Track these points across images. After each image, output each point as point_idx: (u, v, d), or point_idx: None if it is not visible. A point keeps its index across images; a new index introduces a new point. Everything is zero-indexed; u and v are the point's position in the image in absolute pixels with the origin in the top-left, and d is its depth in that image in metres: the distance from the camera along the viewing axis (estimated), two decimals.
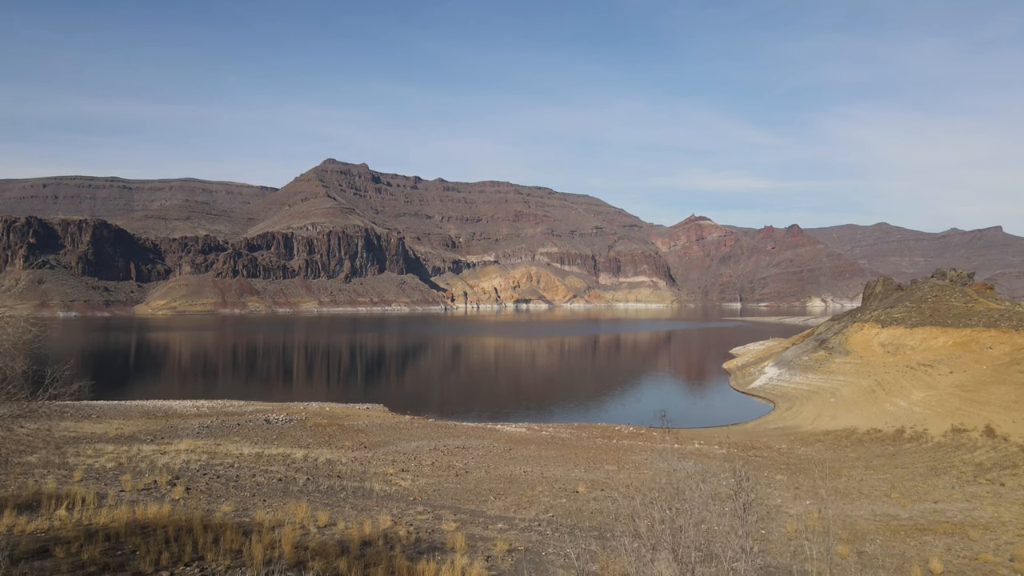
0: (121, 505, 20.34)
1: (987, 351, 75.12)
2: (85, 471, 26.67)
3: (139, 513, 19.45)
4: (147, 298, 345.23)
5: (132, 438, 41.02)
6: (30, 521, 18.03)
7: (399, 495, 26.14)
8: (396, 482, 28.88)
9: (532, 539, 19.93)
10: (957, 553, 20.92)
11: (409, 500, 25.54)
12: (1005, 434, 48.67)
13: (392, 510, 22.65)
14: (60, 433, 41.38)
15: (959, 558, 20.33)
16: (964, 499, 30.26)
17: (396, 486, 28.08)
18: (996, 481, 34.22)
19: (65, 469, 27.35)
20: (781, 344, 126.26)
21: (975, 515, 26.43)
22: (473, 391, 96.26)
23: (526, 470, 34.51)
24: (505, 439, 48.90)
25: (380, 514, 21.56)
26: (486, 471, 33.60)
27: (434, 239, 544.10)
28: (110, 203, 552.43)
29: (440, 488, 28.51)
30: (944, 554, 20.56)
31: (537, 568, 16.46)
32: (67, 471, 26.67)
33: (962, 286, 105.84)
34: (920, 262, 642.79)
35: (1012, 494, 30.65)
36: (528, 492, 28.03)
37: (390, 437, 47.17)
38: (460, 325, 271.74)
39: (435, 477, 31.19)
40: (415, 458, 37.24)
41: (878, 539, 22.90)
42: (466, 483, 30.11)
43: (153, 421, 51.65)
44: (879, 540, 22.75)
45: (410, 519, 21.53)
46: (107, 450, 33.52)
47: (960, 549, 21.44)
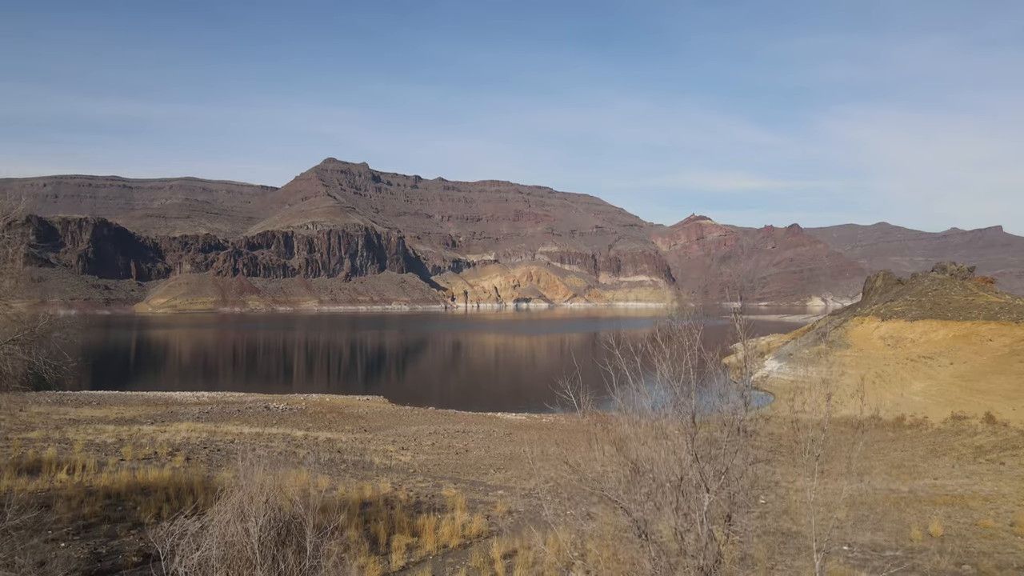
0: (122, 470, 20.36)
1: (987, 343, 75.06)
2: (86, 444, 26.67)
3: (139, 477, 19.48)
4: (147, 296, 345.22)
5: (132, 420, 41.02)
6: (31, 482, 18.05)
7: (399, 468, 26.15)
8: (396, 458, 28.90)
9: (532, 503, 19.95)
10: (957, 520, 20.93)
11: (409, 472, 25.55)
12: (1006, 420, 48.67)
13: (392, 479, 22.66)
14: (59, 416, 41.37)
15: (959, 524, 20.34)
16: (964, 476, 30.26)
17: (396, 461, 28.09)
18: (996, 461, 34.21)
19: (65, 443, 27.34)
20: (781, 339, 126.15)
21: (975, 488, 26.44)
22: (474, 385, 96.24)
23: (526, 449, 34.52)
24: (505, 425, 48.92)
25: (380, 481, 21.56)
26: (486, 450, 33.62)
27: (434, 238, 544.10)
28: (110, 202, 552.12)
29: (440, 463, 28.53)
30: (944, 520, 20.55)
31: (537, 526, 16.46)
32: (67, 444, 26.65)
33: (962, 280, 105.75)
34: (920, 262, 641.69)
35: (1012, 471, 30.64)
36: (528, 467, 28.05)
37: (390, 422, 47.18)
38: (460, 323, 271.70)
39: (435, 455, 31.21)
40: (415, 439, 37.25)
41: (878, 508, 22.90)
42: (466, 459, 30.13)
43: (153, 408, 51.65)
44: (879, 509, 22.74)
45: (410, 486, 21.53)
46: (107, 429, 33.54)
47: (960, 516, 21.45)
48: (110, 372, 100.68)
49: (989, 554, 16.74)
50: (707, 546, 7.09)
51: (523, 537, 15.05)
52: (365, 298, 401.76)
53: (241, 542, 6.93)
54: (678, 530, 7.99)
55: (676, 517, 8.15)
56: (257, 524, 7.22)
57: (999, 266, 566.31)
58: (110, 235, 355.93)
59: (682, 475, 8.17)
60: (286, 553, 7.13)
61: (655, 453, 9.02)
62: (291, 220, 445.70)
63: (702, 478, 7.52)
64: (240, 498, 7.73)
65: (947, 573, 14.95)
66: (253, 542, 6.85)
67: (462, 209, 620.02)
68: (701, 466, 7.64)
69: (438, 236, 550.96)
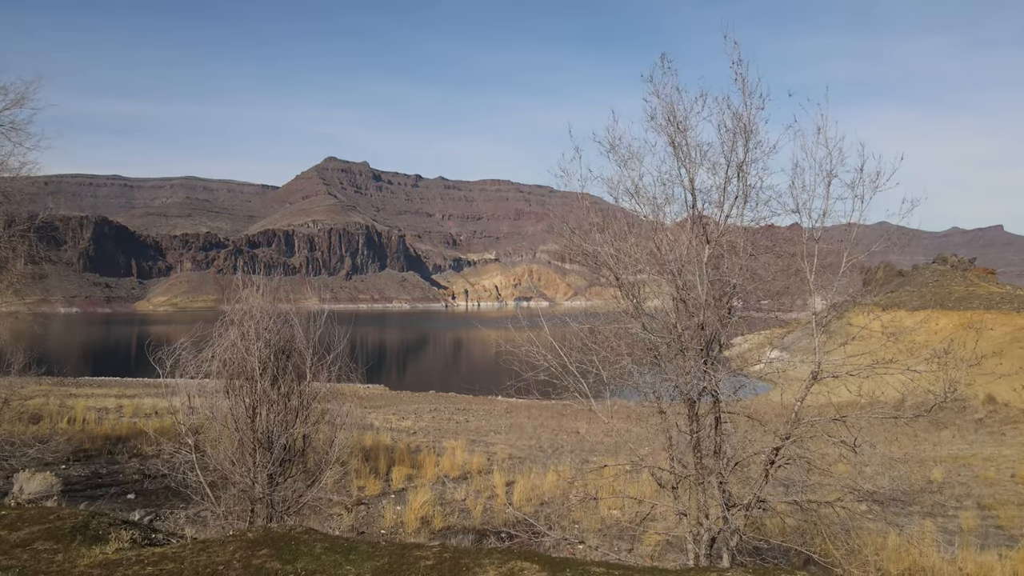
0: (122, 422, 20.38)
1: (988, 331, 75.13)
2: (86, 407, 26.68)
3: (140, 426, 19.49)
4: (148, 295, 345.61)
5: (133, 396, 41.04)
6: (31, 427, 18.07)
7: (400, 430, 26.19)
8: (397, 424, 28.95)
9: (532, 454, 19.96)
10: (958, 472, 20.92)
11: (410, 433, 25.59)
12: (1007, 401, 48.67)
13: (392, 435, 22.67)
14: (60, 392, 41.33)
15: (960, 475, 20.33)
16: (965, 443, 30.27)
17: (397, 426, 28.13)
18: (997, 432, 34.21)
19: (66, 407, 27.34)
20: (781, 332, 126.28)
21: (976, 451, 26.44)
22: (474, 375, 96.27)
23: (526, 422, 34.56)
24: (506, 405, 48.97)
25: (380, 435, 21.58)
26: (486, 421, 33.67)
27: (435, 237, 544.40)
28: (111, 201, 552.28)
29: (440, 428, 28.57)
30: (945, 473, 20.53)
31: (538, 464, 16.48)
32: (68, 408, 26.66)
33: (963, 271, 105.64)
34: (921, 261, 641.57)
35: (1014, 439, 30.65)
36: (529, 433, 28.09)
37: (391, 402, 47.26)
38: (461, 321, 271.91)
39: (436, 423, 31.25)
40: (416, 413, 37.31)
41: (878, 482, 22.88)
42: (467, 427, 30.16)
43: (154, 389, 51.66)
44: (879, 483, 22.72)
45: (411, 440, 21.55)
46: (109, 399, 33.57)
47: (961, 470, 21.43)
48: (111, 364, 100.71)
49: (990, 496, 16.74)
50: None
51: (524, 471, 15.07)
52: (366, 296, 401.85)
53: (242, 359, 7.01)
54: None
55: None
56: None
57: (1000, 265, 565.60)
58: (111, 233, 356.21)
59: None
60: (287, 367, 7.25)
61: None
62: (292, 219, 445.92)
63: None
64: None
65: (948, 507, 14.95)
66: (254, 359, 6.94)
67: (463, 208, 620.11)
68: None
69: (439, 235, 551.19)
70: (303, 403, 7.73)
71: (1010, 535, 13.53)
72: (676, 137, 6.95)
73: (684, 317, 6.86)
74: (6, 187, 14.75)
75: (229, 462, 7.35)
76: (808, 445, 7.30)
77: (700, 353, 6.80)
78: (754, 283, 7.25)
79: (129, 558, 4.03)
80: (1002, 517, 14.72)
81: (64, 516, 4.74)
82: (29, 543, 4.16)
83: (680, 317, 6.88)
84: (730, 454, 6.87)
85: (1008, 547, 11.86)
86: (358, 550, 4.19)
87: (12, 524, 4.42)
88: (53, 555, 4.05)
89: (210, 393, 7.76)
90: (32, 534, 4.29)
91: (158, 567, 3.78)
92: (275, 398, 7.35)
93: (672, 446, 6.99)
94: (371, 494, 13.78)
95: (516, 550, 4.88)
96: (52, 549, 4.13)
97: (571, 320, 9.13)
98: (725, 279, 6.87)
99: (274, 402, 7.33)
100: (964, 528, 13.84)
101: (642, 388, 7.16)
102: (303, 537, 4.39)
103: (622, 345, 7.20)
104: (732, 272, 6.86)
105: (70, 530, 4.42)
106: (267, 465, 7.32)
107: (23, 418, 20.63)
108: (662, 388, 7.03)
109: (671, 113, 6.84)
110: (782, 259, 7.48)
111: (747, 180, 6.96)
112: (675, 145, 7.02)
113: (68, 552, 4.08)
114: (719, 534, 6.64)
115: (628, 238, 7.31)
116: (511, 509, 11.55)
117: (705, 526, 6.64)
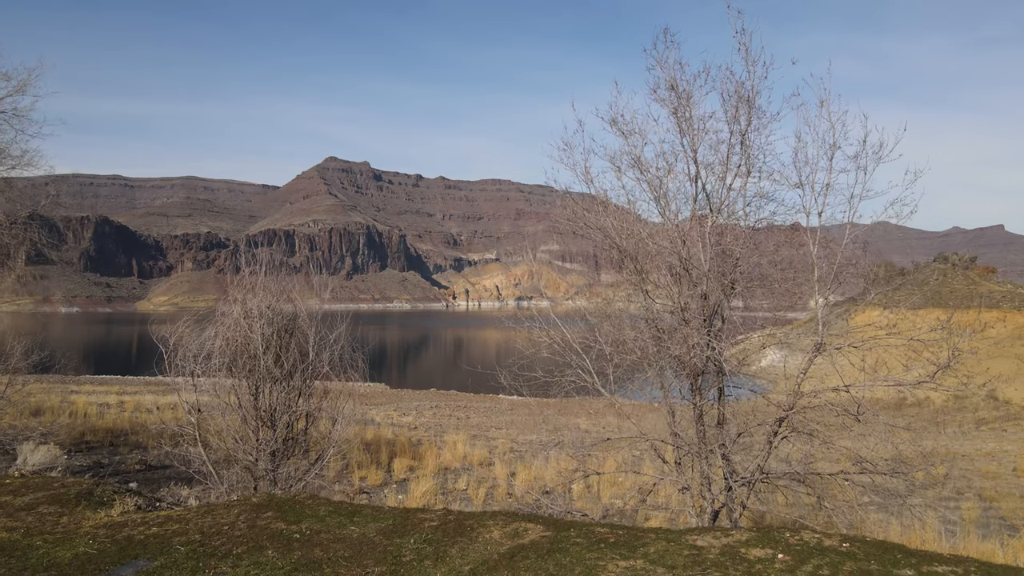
0: (123, 416, 20.40)
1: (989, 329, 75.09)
2: (88, 403, 26.71)
3: (142, 420, 19.52)
4: (149, 294, 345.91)
5: (135, 393, 41.07)
6: (33, 420, 18.10)
7: (401, 425, 26.20)
8: (398, 419, 28.96)
9: (533, 447, 19.97)
10: (959, 466, 20.90)
11: (411, 428, 25.59)
12: (1007, 399, 48.71)
13: (393, 430, 22.68)
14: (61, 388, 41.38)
15: (962, 469, 20.32)
16: (967, 440, 30.23)
17: (398, 421, 28.15)
18: (998, 429, 34.20)
19: (67, 402, 27.38)
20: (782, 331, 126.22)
21: (978, 447, 26.41)
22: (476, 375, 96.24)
23: (528, 418, 34.56)
24: (508, 403, 48.99)
25: (382, 429, 21.59)
26: (487, 417, 33.69)
27: (436, 237, 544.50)
28: (112, 201, 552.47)
29: (442, 424, 28.58)
30: (946, 467, 20.51)
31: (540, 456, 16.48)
32: (69, 403, 26.70)
33: (964, 270, 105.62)
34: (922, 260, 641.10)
35: (1015, 435, 30.63)
36: (531, 428, 28.10)
37: (392, 400, 47.27)
38: (462, 320, 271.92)
39: (437, 419, 31.26)
40: (417, 410, 37.32)
41: (878, 461, 22.87)
42: (468, 423, 30.18)
43: (156, 387, 51.70)
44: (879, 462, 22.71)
45: (411, 434, 21.56)
46: (110, 396, 33.57)
47: (963, 464, 21.42)
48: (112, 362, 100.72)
49: (991, 488, 16.73)
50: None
51: (526, 462, 15.08)
52: (366, 296, 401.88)
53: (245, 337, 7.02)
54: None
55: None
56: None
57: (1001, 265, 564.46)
58: (112, 233, 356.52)
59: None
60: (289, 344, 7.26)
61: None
62: (292, 218, 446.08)
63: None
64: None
65: (950, 499, 14.95)
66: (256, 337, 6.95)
67: (463, 208, 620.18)
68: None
69: (439, 235, 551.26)
70: (306, 381, 7.76)
71: (1012, 525, 13.56)
72: (680, 108, 6.96)
73: (687, 287, 6.86)
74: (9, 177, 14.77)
75: (232, 439, 7.37)
76: (811, 415, 7.30)
77: (703, 324, 6.80)
78: (757, 255, 7.25)
79: (134, 520, 4.04)
80: (1004, 508, 14.75)
81: (68, 484, 4.76)
82: (34, 507, 4.18)
83: (683, 288, 6.89)
84: (733, 426, 6.87)
85: (1010, 536, 11.88)
86: (362, 513, 4.21)
87: (17, 490, 4.45)
88: (58, 518, 4.06)
89: (214, 370, 7.78)
90: (37, 499, 4.31)
91: (163, 527, 3.79)
92: (278, 376, 7.38)
93: (675, 421, 6.99)
94: (373, 484, 13.84)
95: (519, 513, 4.90)
96: (57, 512, 4.14)
97: (574, 319, 9.16)
98: (728, 250, 6.87)
99: (277, 380, 7.35)
100: (966, 519, 13.85)
101: (645, 360, 7.17)
102: (307, 501, 4.40)
103: (624, 319, 7.22)
104: (736, 244, 6.87)
105: (75, 496, 4.44)
106: (270, 442, 7.33)
107: (25, 412, 20.67)
108: (665, 362, 7.04)
109: (674, 83, 6.85)
110: (783, 232, 7.48)
111: (750, 151, 6.96)
112: (678, 116, 7.03)
113: (73, 515, 4.10)
114: (722, 508, 6.65)
115: (632, 211, 7.32)
116: (516, 491, 11.57)
117: (708, 499, 6.64)
